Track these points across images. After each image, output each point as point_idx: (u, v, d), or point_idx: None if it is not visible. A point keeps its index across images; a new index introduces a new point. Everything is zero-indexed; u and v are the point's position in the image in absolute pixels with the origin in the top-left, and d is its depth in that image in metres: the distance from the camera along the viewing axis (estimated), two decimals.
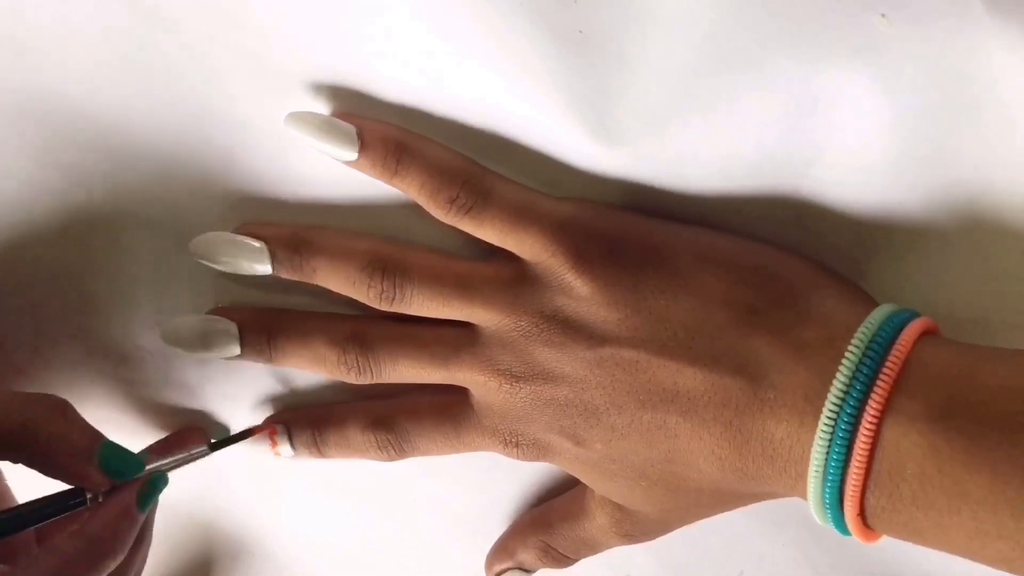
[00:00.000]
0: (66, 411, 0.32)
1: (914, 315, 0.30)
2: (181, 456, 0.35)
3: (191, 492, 0.40)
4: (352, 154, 0.32)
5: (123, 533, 0.32)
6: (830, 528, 0.30)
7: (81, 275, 0.36)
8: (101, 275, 0.36)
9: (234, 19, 0.31)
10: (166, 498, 0.40)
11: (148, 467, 0.34)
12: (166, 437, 0.38)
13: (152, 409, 0.39)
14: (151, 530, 0.35)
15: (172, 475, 0.40)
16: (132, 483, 0.33)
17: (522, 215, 0.32)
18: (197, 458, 0.35)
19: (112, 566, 0.32)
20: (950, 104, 0.29)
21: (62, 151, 0.34)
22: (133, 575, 0.34)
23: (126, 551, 0.32)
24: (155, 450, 0.37)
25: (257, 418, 0.38)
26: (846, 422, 0.28)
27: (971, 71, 0.29)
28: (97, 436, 0.33)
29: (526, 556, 0.39)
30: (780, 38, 0.29)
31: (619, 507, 0.35)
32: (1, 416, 0.31)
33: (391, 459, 0.36)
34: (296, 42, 0.31)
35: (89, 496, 0.32)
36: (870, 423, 0.28)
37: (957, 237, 0.31)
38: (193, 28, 0.31)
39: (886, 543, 0.30)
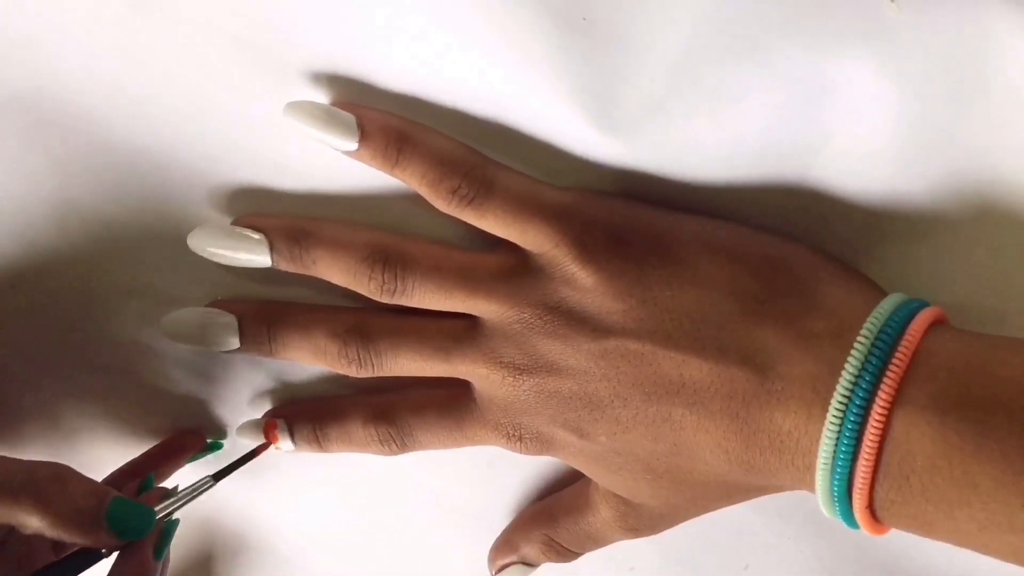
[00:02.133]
0: (66, 479, 0.31)
1: (923, 305, 0.30)
2: (187, 493, 0.35)
3: None
4: (352, 144, 0.32)
5: None
6: (837, 521, 0.30)
7: (78, 269, 0.36)
8: (99, 269, 0.36)
9: (233, 7, 0.31)
10: None
11: (158, 510, 0.33)
12: (162, 443, 0.38)
13: (151, 403, 0.38)
14: (167, 567, 0.34)
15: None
16: (146, 539, 0.32)
17: (525, 205, 0.32)
18: (202, 491, 0.35)
19: None
20: (959, 90, 0.29)
21: (58, 144, 0.34)
22: None
23: None
24: (153, 456, 0.37)
25: (257, 412, 0.38)
26: (855, 414, 0.28)
27: (981, 57, 0.28)
28: (103, 495, 0.32)
29: (529, 550, 0.38)
30: (787, 24, 0.29)
31: (624, 501, 0.35)
32: (6, 499, 0.30)
33: (393, 453, 0.36)
34: (295, 30, 0.31)
35: (104, 549, 0.32)
36: (880, 415, 0.28)
37: (966, 225, 0.31)
38: (191, 17, 0.31)
39: (893, 535, 0.30)
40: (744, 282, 0.31)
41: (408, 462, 0.37)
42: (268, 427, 0.37)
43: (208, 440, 0.38)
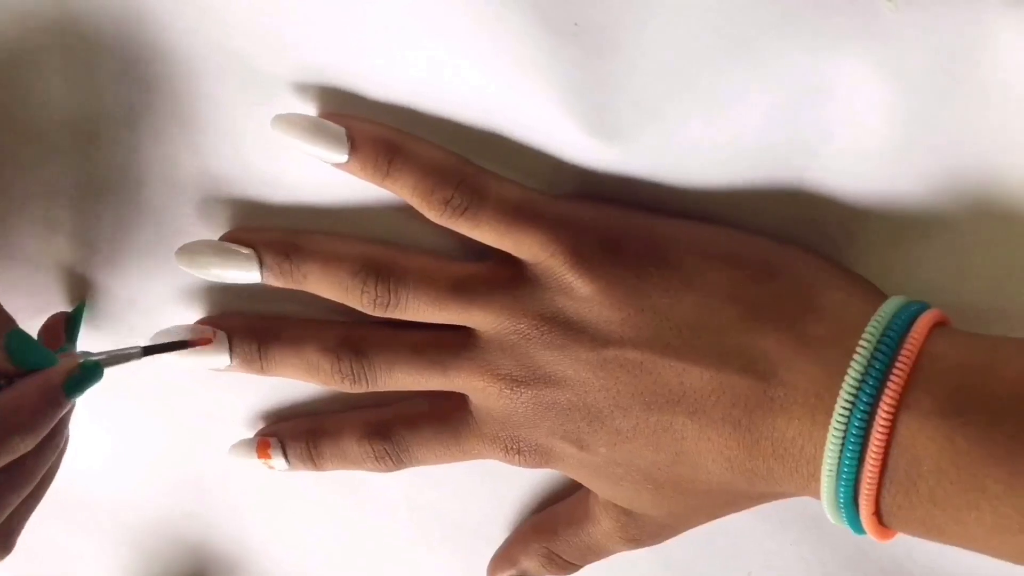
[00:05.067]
0: None
1: (925, 307, 0.30)
2: (111, 353, 0.32)
3: (182, 509, 0.40)
4: (342, 156, 0.31)
5: (39, 414, 0.29)
6: (842, 527, 0.30)
7: (67, 283, 0.35)
8: (86, 285, 0.35)
9: (219, 18, 0.30)
10: (157, 515, 0.39)
11: (68, 356, 0.31)
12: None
13: (138, 423, 0.38)
14: (67, 431, 0.32)
15: (158, 491, 0.39)
16: (58, 367, 0.30)
17: (519, 215, 0.32)
18: (126, 359, 0.32)
19: (22, 447, 0.29)
20: (957, 90, 0.29)
21: (43, 157, 0.33)
22: (46, 471, 0.32)
23: (42, 433, 0.29)
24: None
25: (249, 431, 0.37)
26: (859, 419, 0.28)
27: (978, 56, 0.28)
28: (4, 324, 0.30)
29: (529, 563, 0.38)
30: (783, 25, 0.28)
31: (625, 511, 0.35)
32: None
33: (389, 470, 0.36)
34: (282, 41, 0.31)
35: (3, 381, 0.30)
36: (884, 420, 0.27)
37: (965, 225, 0.31)
38: (177, 29, 0.31)
39: (896, 539, 0.30)
40: (743, 288, 0.31)
41: (404, 477, 0.36)
42: (261, 445, 0.36)
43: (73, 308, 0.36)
